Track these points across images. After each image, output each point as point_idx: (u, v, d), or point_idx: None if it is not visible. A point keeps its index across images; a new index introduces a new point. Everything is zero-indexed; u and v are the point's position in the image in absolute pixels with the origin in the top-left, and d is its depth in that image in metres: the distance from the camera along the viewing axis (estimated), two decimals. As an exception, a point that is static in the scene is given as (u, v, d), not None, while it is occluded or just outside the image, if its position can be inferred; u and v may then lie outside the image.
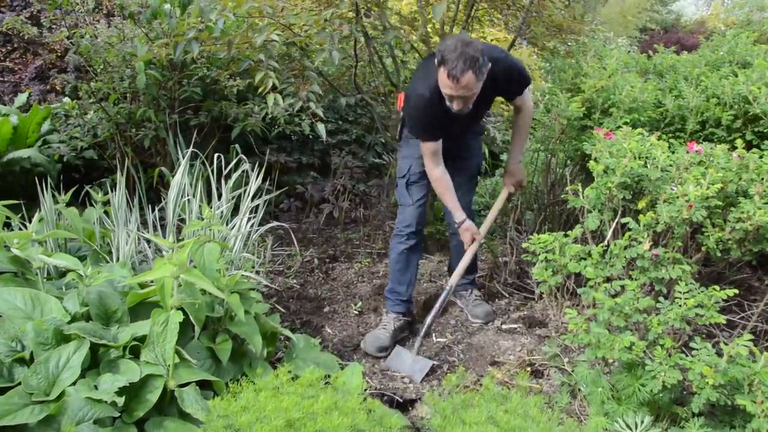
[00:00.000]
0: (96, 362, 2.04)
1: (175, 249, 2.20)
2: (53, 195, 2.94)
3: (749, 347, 1.95)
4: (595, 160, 2.44)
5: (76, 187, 3.40)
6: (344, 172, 4.61)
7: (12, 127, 4.25)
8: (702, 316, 2.04)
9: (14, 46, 5.68)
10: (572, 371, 2.60)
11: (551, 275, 2.42)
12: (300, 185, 4.73)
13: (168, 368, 2.02)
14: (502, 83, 2.80)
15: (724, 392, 1.95)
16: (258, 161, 4.00)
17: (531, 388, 2.61)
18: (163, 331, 1.98)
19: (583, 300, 2.37)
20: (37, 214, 2.66)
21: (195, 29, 2.90)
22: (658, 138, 2.59)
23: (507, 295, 3.54)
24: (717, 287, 2.07)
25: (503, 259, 3.78)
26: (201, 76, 4.25)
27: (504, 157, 5.73)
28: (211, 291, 2.09)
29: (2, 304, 2.14)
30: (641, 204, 2.36)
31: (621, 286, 2.23)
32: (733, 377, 1.93)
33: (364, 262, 4.04)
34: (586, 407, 2.41)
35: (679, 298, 2.08)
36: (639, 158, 2.37)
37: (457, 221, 2.99)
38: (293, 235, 4.09)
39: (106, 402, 1.82)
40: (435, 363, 2.85)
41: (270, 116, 3.89)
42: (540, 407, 1.99)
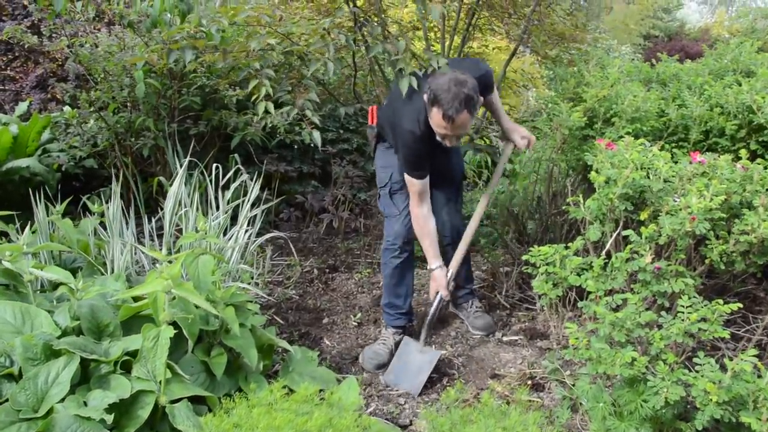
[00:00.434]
0: (86, 377, 2.01)
1: (166, 262, 2.16)
2: (46, 206, 2.91)
3: (754, 362, 1.90)
4: (597, 171, 2.40)
5: (71, 198, 3.39)
6: (345, 182, 4.57)
7: (12, 136, 4.23)
8: (705, 330, 1.99)
9: (15, 54, 5.68)
10: (573, 385, 2.55)
11: (551, 288, 2.38)
12: (301, 194, 4.70)
13: (159, 384, 1.98)
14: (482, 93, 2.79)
15: (728, 409, 1.90)
16: (257, 170, 3.98)
17: (531, 403, 2.56)
18: (153, 346, 1.95)
19: (584, 313, 2.33)
20: (28, 227, 2.63)
21: (185, 33, 2.87)
22: (661, 148, 2.55)
23: (508, 306, 3.49)
24: (721, 301, 2.02)
25: (504, 270, 3.73)
26: (200, 85, 4.23)
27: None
28: (203, 306, 2.06)
29: (-8, 318, 2.12)
30: (643, 215, 2.32)
31: (622, 299, 2.19)
32: (737, 393, 1.88)
33: (365, 273, 4.00)
34: (588, 422, 2.36)
35: (682, 312, 2.03)
36: (641, 169, 2.33)
37: (431, 266, 2.91)
38: (293, 245, 4.06)
39: (94, 419, 1.78)
40: (444, 353, 2.83)
41: (270, 125, 3.88)
42: (539, 424, 1.94)
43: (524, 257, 2.50)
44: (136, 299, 2.34)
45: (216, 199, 3.37)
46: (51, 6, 3.07)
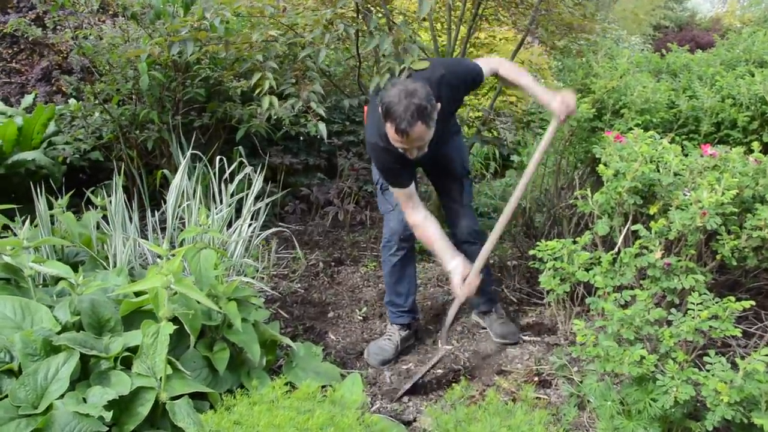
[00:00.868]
0: (86, 373, 1.99)
1: (168, 257, 2.13)
2: (47, 199, 2.88)
3: (767, 362, 1.85)
4: (605, 164, 2.35)
5: (75, 191, 3.36)
6: (350, 174, 4.54)
7: (17, 129, 4.21)
8: (716, 328, 1.94)
9: (21, 47, 5.66)
10: (581, 381, 2.51)
11: (559, 284, 2.34)
12: (306, 187, 4.67)
13: (160, 380, 1.96)
14: (462, 89, 2.73)
15: (740, 409, 1.86)
16: (262, 163, 3.95)
17: (538, 400, 2.53)
18: (153, 342, 1.92)
19: (592, 309, 2.29)
20: (29, 221, 2.61)
21: (189, 26, 2.83)
22: (671, 140, 2.49)
23: (516, 301, 3.45)
24: (733, 298, 1.98)
25: (512, 263, 3.69)
26: (205, 76, 4.19)
27: (514, 158, 5.65)
28: (203, 301, 2.03)
29: (-8, 313, 2.10)
30: (653, 210, 2.27)
31: (631, 296, 2.14)
32: (749, 394, 1.84)
33: (371, 266, 3.96)
34: (595, 420, 2.32)
35: (692, 309, 1.99)
36: (650, 162, 2.28)
37: (446, 269, 2.69)
38: (298, 238, 4.03)
39: (93, 416, 1.76)
40: (449, 348, 2.81)
41: (275, 117, 3.84)
42: (545, 423, 1.91)
43: (531, 252, 2.46)
44: (137, 294, 2.31)
45: (220, 192, 3.34)
46: (54, -3, 3.04)
